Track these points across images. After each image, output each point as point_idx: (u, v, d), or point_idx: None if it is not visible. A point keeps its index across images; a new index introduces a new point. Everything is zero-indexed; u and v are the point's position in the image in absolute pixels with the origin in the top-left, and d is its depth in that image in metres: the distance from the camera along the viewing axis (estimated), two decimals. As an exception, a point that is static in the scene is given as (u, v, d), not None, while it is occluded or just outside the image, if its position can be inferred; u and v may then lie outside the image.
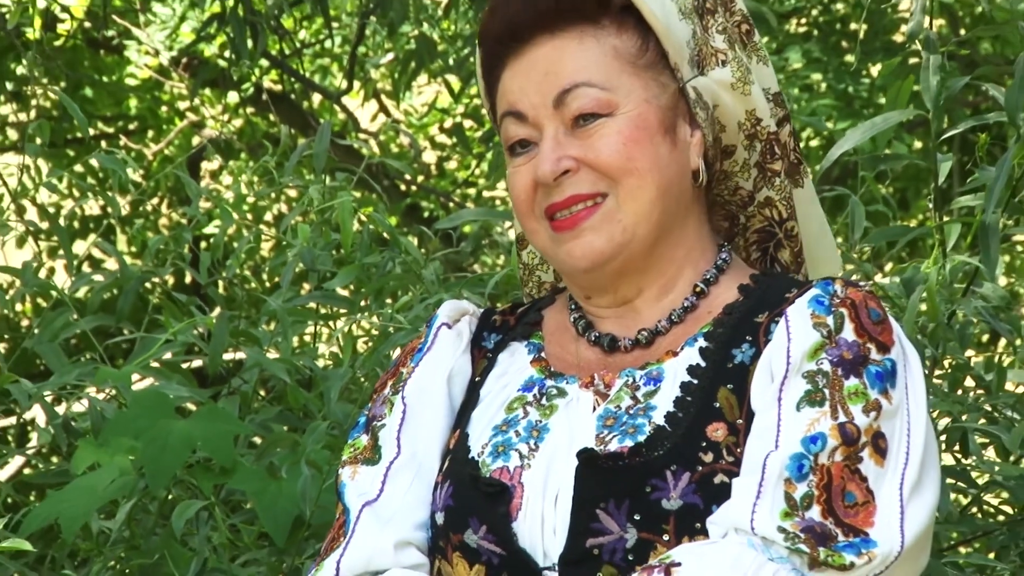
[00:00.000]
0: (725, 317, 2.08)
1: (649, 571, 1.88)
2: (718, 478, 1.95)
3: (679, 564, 1.87)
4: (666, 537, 1.94)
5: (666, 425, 1.99)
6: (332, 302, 3.71)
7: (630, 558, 1.95)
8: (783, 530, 1.88)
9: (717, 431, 1.98)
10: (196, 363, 4.01)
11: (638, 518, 1.95)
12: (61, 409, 3.44)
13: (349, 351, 3.58)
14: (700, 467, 1.95)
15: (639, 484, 1.95)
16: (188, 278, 6.80)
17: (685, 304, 2.11)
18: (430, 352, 2.19)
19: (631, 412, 2.02)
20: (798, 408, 1.95)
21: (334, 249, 3.71)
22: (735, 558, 1.87)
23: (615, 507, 1.96)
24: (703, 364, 2.04)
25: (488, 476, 2.04)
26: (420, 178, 8.38)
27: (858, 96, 7.29)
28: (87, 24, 7.10)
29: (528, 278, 2.31)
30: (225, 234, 3.73)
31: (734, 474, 1.94)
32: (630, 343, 2.11)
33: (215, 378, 3.66)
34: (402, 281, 3.67)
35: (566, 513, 1.98)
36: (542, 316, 2.22)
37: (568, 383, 2.10)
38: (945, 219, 3.33)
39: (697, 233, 2.14)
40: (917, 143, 7.11)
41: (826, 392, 1.95)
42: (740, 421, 1.98)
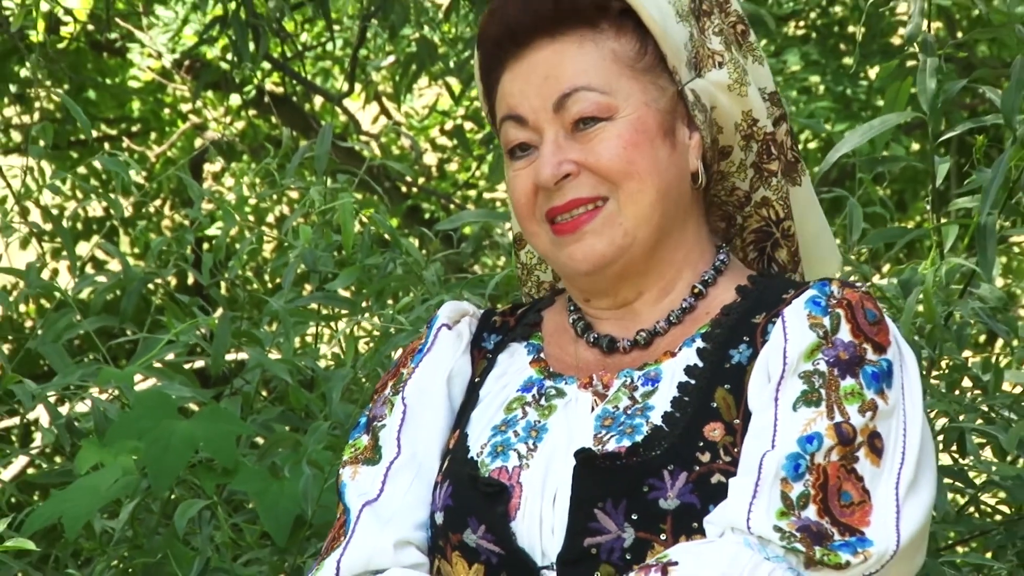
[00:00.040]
0: (723, 318, 2.08)
1: (646, 570, 1.88)
2: (715, 478, 1.95)
3: (676, 563, 1.87)
4: (663, 536, 1.94)
5: (663, 425, 2.00)
6: (334, 303, 3.71)
7: (628, 557, 1.95)
8: (779, 529, 1.89)
9: (714, 431, 1.98)
10: (198, 364, 4.01)
11: (635, 518, 1.95)
12: (64, 409, 3.44)
13: (351, 352, 3.58)
14: (697, 467, 1.96)
15: (636, 484, 1.96)
16: (191, 279, 6.80)
17: (683, 305, 2.12)
18: (430, 353, 2.20)
19: (629, 412, 2.03)
20: (794, 408, 1.95)
21: (335, 250, 3.71)
22: (732, 557, 1.87)
23: (613, 507, 1.96)
24: (701, 365, 2.04)
25: (487, 476, 2.04)
26: (421, 180, 8.38)
27: (856, 98, 7.29)
28: (90, 27, 7.10)
29: (527, 278, 2.31)
30: (227, 235, 3.72)
31: (731, 474, 1.95)
32: (628, 344, 2.11)
33: (217, 378, 3.65)
34: (403, 282, 3.67)
35: (564, 513, 1.99)
36: (541, 317, 2.22)
37: (567, 384, 2.10)
38: (942, 221, 3.34)
39: (696, 235, 2.15)
40: (915, 145, 7.11)
41: (822, 392, 1.96)
42: (737, 421, 1.99)
